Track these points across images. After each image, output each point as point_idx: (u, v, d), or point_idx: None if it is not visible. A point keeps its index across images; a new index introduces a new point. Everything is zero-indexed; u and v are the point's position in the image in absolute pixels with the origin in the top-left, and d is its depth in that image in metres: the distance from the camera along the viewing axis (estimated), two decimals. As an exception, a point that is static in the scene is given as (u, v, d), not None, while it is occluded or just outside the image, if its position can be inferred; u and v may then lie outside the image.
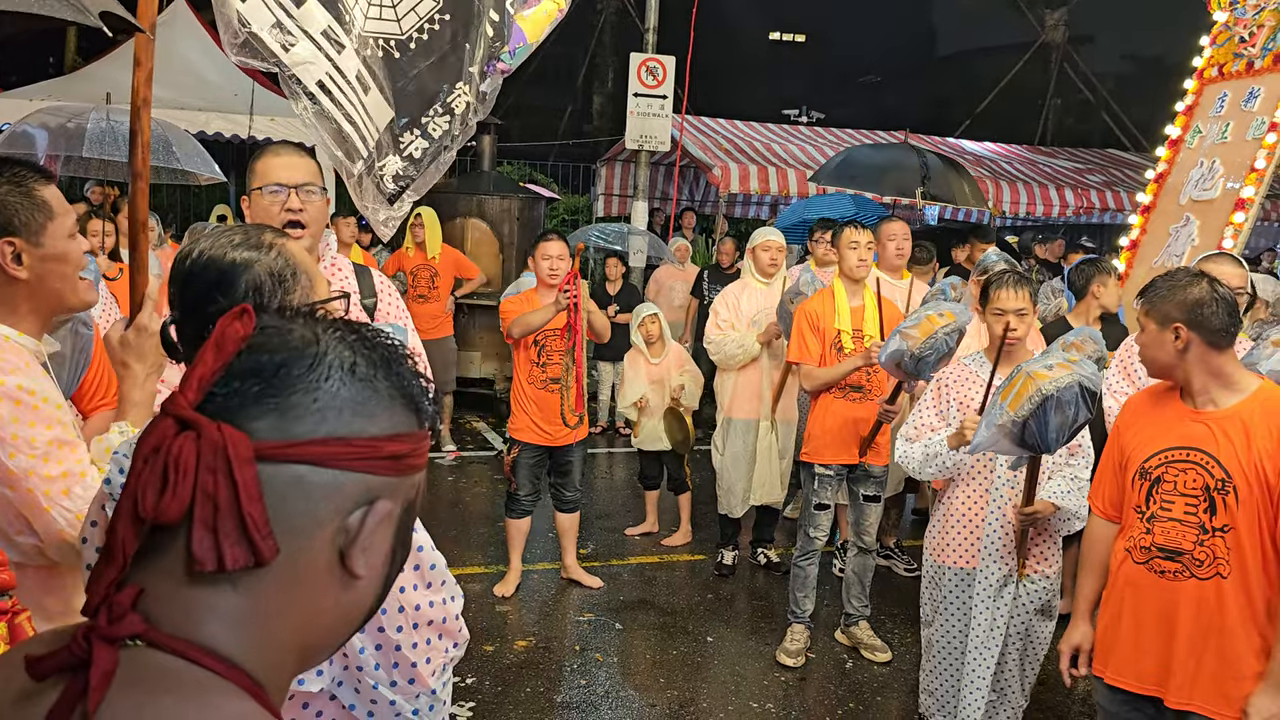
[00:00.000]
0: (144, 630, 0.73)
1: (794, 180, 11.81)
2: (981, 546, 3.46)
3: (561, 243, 5.01)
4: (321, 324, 0.84)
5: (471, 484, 7.20)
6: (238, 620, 0.76)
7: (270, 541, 0.75)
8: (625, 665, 4.54)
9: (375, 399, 0.81)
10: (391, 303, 2.72)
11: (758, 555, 5.80)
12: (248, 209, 2.45)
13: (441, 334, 7.82)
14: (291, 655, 0.81)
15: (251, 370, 0.78)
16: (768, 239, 5.53)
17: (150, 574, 0.76)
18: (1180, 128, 7.27)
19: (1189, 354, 2.50)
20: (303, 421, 0.77)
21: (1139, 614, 2.59)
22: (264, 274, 1.55)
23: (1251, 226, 6.56)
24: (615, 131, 14.11)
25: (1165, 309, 2.53)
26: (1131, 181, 13.39)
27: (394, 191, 1.89)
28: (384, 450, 0.80)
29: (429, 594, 1.60)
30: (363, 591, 0.84)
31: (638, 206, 10.65)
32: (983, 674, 3.47)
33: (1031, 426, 2.94)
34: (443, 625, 1.62)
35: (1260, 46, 6.88)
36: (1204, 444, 2.48)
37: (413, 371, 0.86)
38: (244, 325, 0.80)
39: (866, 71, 35.88)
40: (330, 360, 0.80)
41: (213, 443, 0.74)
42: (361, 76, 1.92)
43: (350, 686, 1.54)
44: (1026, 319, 3.51)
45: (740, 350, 5.35)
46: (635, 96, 10.36)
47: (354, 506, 0.80)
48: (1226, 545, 2.43)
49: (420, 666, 1.55)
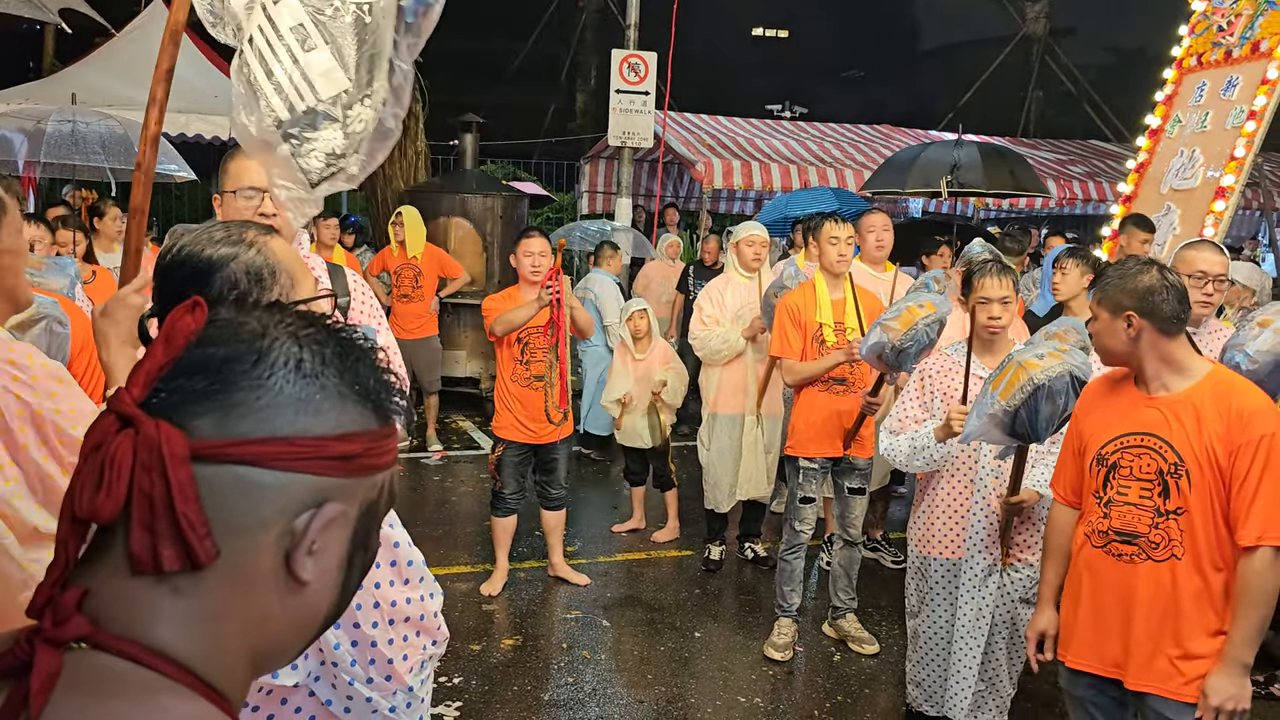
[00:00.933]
0: (90, 632, 0.71)
1: (777, 175, 11.82)
2: (967, 537, 3.47)
3: (543, 239, 4.99)
4: (275, 317, 0.81)
5: (457, 483, 7.17)
6: (184, 622, 0.74)
7: (207, 543, 0.73)
8: (613, 662, 4.53)
9: (323, 396, 0.78)
10: (365, 302, 2.70)
11: (745, 550, 5.80)
12: (219, 208, 2.43)
13: (426, 333, 7.80)
14: (242, 659, 0.79)
15: (198, 366, 0.76)
16: (751, 234, 5.52)
17: (96, 575, 0.74)
18: (1160, 117, 7.30)
19: (1141, 341, 2.54)
20: (245, 420, 0.75)
21: (1098, 597, 2.63)
22: (240, 271, 1.53)
23: (1232, 215, 6.60)
24: (598, 129, 14.09)
25: (1117, 297, 2.56)
26: (1113, 172, 13.45)
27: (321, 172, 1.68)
28: (330, 450, 0.77)
29: (406, 590, 1.58)
30: (314, 596, 0.81)
31: (621, 203, 10.65)
32: (969, 664, 3.47)
33: (1022, 416, 2.95)
34: (420, 622, 1.60)
35: (1238, 35, 6.91)
36: (1157, 429, 2.52)
37: (373, 368, 0.83)
38: (194, 319, 0.78)
39: (849, 66, 35.93)
40: (275, 356, 0.77)
41: (149, 440, 0.72)
42: (303, 30, 1.73)
43: (327, 682, 1.52)
44: (1010, 307, 3.52)
45: (725, 345, 5.35)
46: (618, 93, 10.36)
47: (300, 509, 0.77)
48: (1180, 527, 2.47)
49: (397, 663, 1.54)
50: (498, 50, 25.67)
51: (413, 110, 9.94)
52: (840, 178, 12.03)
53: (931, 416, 3.59)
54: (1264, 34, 6.71)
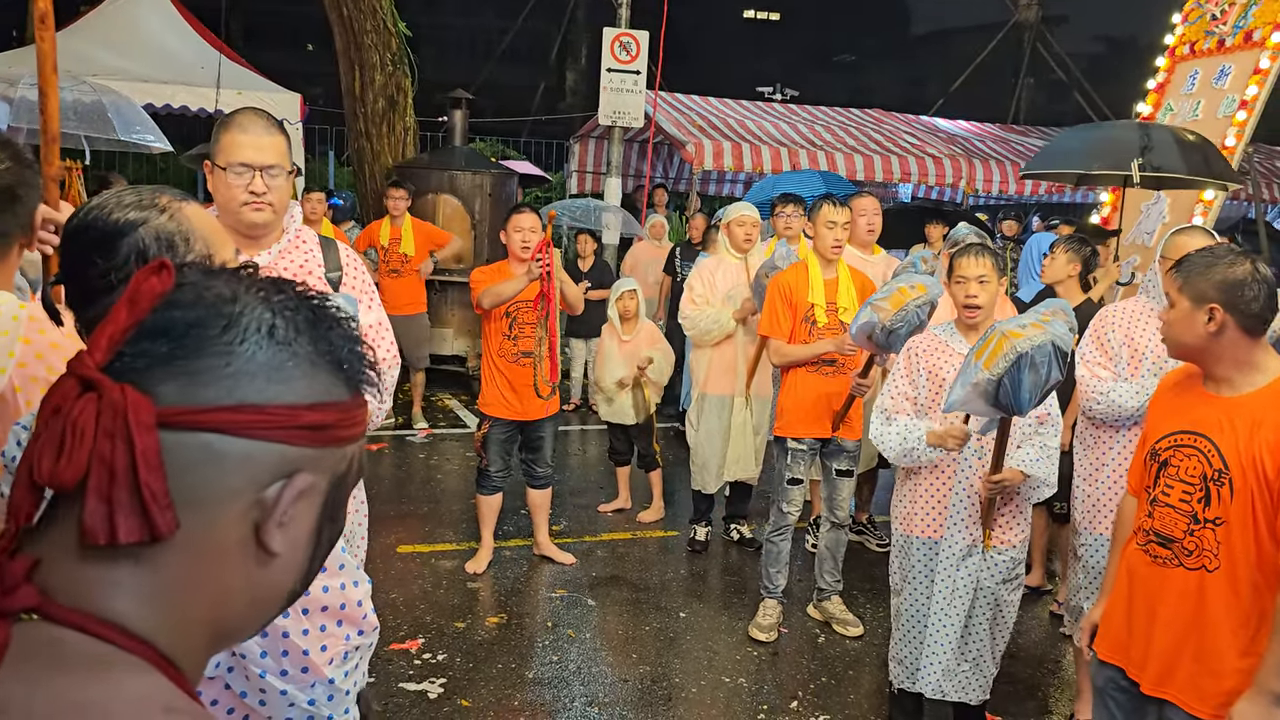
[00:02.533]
0: (39, 603, 0.68)
1: (767, 157, 11.78)
2: (948, 516, 3.47)
3: (534, 215, 4.93)
4: (245, 282, 0.78)
5: (443, 461, 7.15)
6: (142, 594, 0.71)
7: (169, 514, 0.70)
8: (598, 641, 4.53)
9: (295, 364, 0.75)
10: (357, 277, 2.68)
11: (730, 531, 5.81)
12: (210, 175, 2.40)
13: (415, 310, 7.76)
14: (203, 633, 0.76)
15: (162, 329, 0.72)
16: (742, 214, 5.50)
17: (49, 544, 0.71)
18: (1152, 105, 7.30)
19: (1221, 338, 2.33)
20: (213, 387, 0.72)
21: (1132, 596, 2.53)
22: (149, 237, 1.45)
23: (1221, 204, 6.61)
24: (588, 108, 14.01)
25: (1201, 286, 2.34)
26: (1103, 160, 13.44)
27: None
28: (302, 419, 0.75)
29: (323, 579, 1.51)
30: (280, 570, 0.78)
31: (611, 183, 10.60)
32: (944, 641, 3.48)
33: (1005, 385, 2.94)
34: (341, 611, 1.53)
35: (1231, 24, 6.91)
36: (1210, 430, 2.35)
37: (346, 336, 0.80)
38: (161, 281, 0.74)
39: (841, 50, 35.86)
40: (246, 322, 0.74)
41: (113, 405, 0.68)
42: None
43: (240, 674, 1.47)
44: (989, 287, 3.52)
45: (715, 326, 5.33)
46: (609, 72, 10.29)
47: (270, 479, 0.74)
48: (1217, 538, 2.31)
49: (314, 654, 1.47)
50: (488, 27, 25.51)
51: (402, 86, 9.86)
52: (831, 161, 12.01)
53: (919, 393, 3.59)
54: (1257, 23, 6.71)
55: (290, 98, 10.41)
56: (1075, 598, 3.77)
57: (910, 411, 3.57)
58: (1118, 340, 3.59)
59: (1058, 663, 4.58)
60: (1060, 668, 4.52)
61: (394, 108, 9.83)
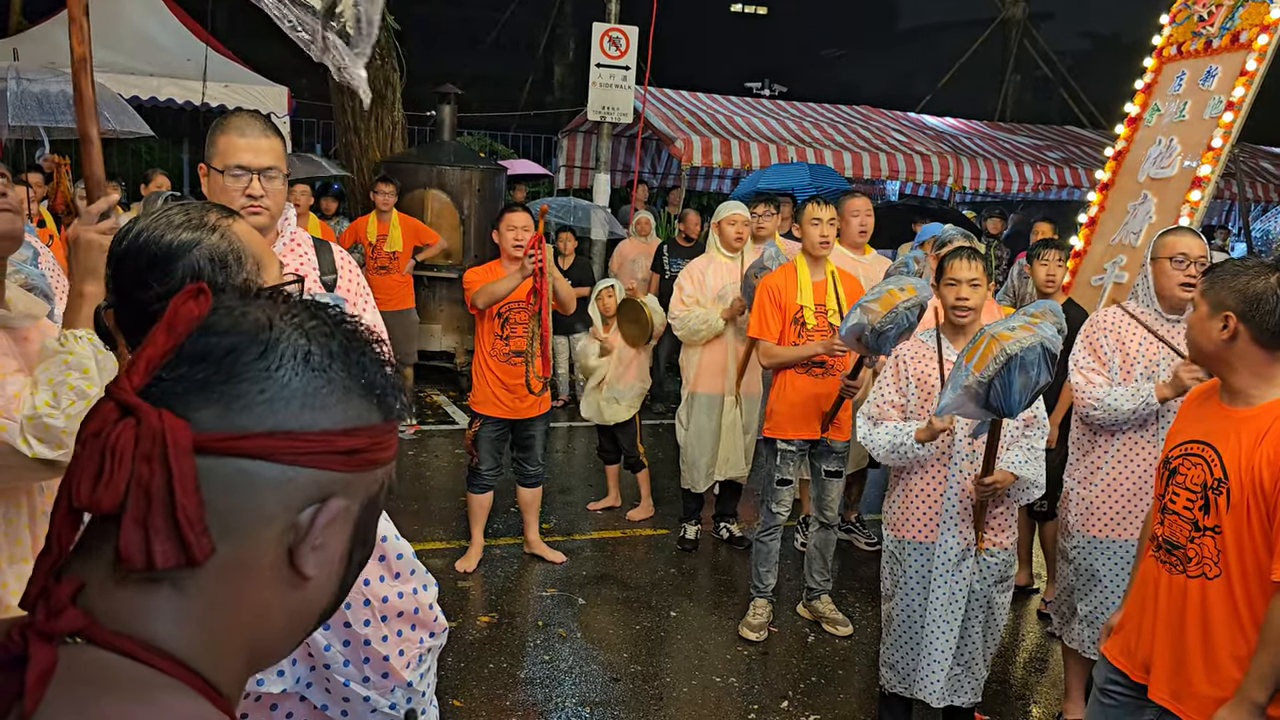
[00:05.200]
0: (84, 626, 0.69)
1: (756, 153, 11.78)
2: (940, 520, 3.49)
3: (526, 214, 4.92)
4: (280, 307, 0.79)
5: (432, 458, 7.14)
6: (181, 617, 0.72)
7: (205, 540, 0.71)
8: (588, 640, 4.53)
9: (329, 390, 0.76)
10: (352, 279, 2.67)
11: (720, 530, 5.82)
12: (205, 178, 2.39)
13: (403, 306, 7.72)
14: (240, 655, 0.77)
15: (201, 355, 0.73)
16: (733, 212, 5.50)
17: (93, 566, 0.72)
18: (1139, 105, 7.32)
19: (1234, 347, 2.35)
20: (249, 412, 0.73)
21: (1141, 600, 2.55)
22: (204, 258, 1.44)
23: (1208, 205, 6.64)
24: (577, 103, 13.97)
25: (1220, 294, 2.36)
26: (1089, 158, 13.51)
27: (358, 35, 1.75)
28: (337, 445, 0.76)
29: (397, 585, 1.55)
30: (314, 592, 0.80)
31: (600, 178, 10.58)
32: (942, 647, 3.50)
33: (996, 387, 2.97)
34: (415, 616, 1.57)
35: (1219, 26, 6.94)
36: (1216, 440, 2.37)
37: (377, 360, 0.81)
38: (199, 305, 0.75)
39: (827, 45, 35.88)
40: (283, 348, 0.75)
41: (151, 430, 0.69)
42: None
43: (320, 687, 1.48)
44: (978, 290, 3.54)
45: (705, 325, 5.34)
46: (598, 67, 10.27)
47: (304, 503, 0.75)
48: (1216, 546, 2.33)
49: (393, 660, 1.50)
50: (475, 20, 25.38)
51: (390, 79, 9.81)
52: (819, 157, 12.01)
53: (907, 401, 3.60)
54: (1244, 25, 6.74)
55: (277, 91, 10.35)
56: (1066, 599, 3.80)
57: (896, 419, 3.59)
58: (1110, 346, 3.62)
59: (1044, 662, 4.61)
60: (1047, 667, 4.55)
61: (382, 101, 9.77)
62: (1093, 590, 3.67)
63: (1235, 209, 15.27)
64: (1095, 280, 6.36)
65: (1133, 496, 3.58)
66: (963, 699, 3.57)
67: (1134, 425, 3.56)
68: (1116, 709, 2.63)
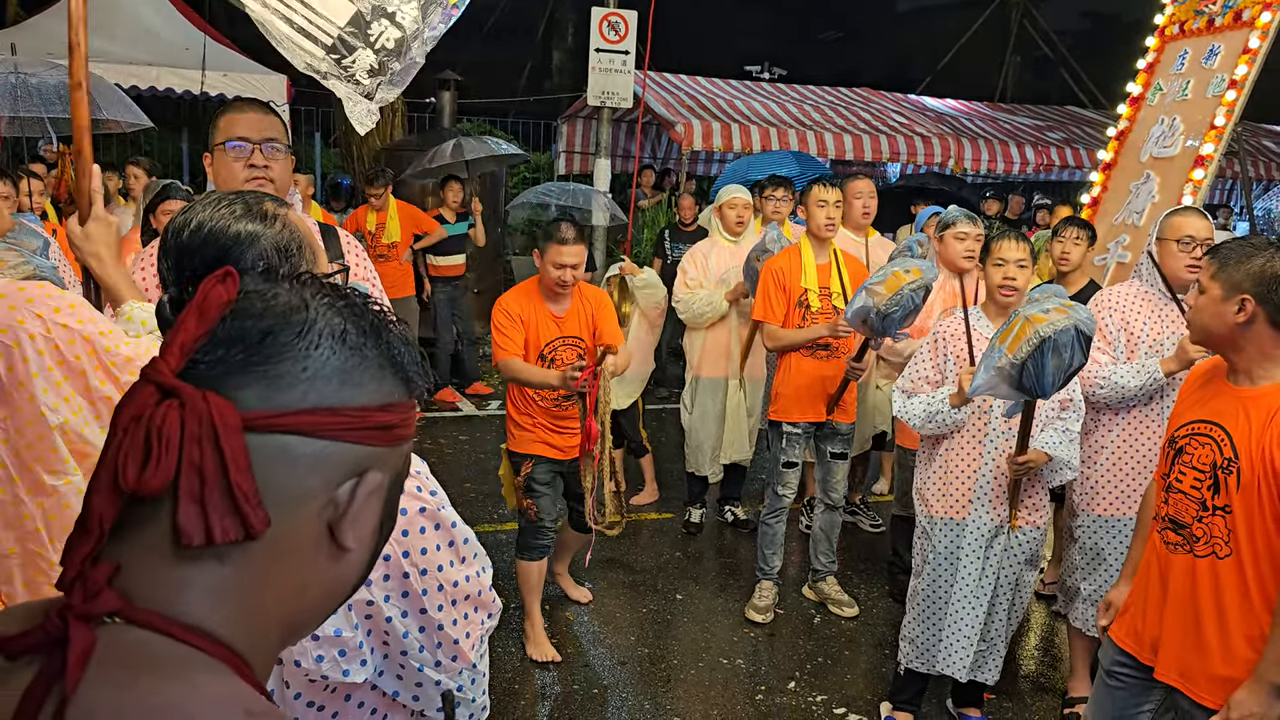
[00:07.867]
0: (121, 606, 0.71)
1: (757, 137, 11.75)
2: (973, 497, 3.50)
3: (582, 245, 3.97)
4: (309, 289, 0.81)
5: (435, 446, 7.15)
6: (221, 595, 0.74)
7: (261, 513, 0.72)
8: (595, 624, 4.55)
9: (365, 367, 0.79)
10: (359, 263, 2.67)
11: (725, 513, 5.83)
12: (209, 165, 2.39)
13: (403, 294, 7.75)
14: (276, 630, 0.79)
15: (237, 337, 0.75)
16: (734, 196, 5.50)
17: (128, 548, 0.73)
18: (1141, 85, 7.30)
19: (1249, 330, 2.31)
20: (290, 390, 0.75)
21: (1148, 581, 2.54)
22: (270, 248, 1.45)
23: (1210, 184, 6.63)
24: (576, 88, 13.92)
25: (1235, 277, 2.31)
26: (1091, 139, 13.47)
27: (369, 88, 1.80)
28: (374, 420, 0.78)
29: (463, 569, 1.58)
30: (350, 564, 0.82)
31: (600, 164, 10.54)
32: (970, 623, 3.49)
33: (1029, 369, 3.00)
34: (478, 598, 1.60)
35: (1221, 4, 6.91)
36: (1224, 420, 2.34)
37: (403, 339, 0.84)
38: (227, 290, 0.77)
39: (826, 27, 35.70)
40: (320, 327, 0.77)
41: (198, 412, 0.71)
42: None
43: (392, 674, 1.52)
44: (1025, 271, 3.56)
45: (709, 309, 5.34)
46: (597, 52, 10.21)
47: (343, 478, 0.78)
48: (1226, 526, 2.31)
49: (462, 643, 1.54)
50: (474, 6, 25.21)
51: (388, 66, 9.78)
52: (820, 140, 11.99)
53: (943, 378, 3.62)
54: (1246, 3, 6.71)
55: (276, 79, 10.31)
56: (1071, 578, 3.81)
57: (928, 394, 3.60)
58: (1115, 325, 3.62)
59: (1050, 640, 4.63)
60: (1053, 645, 4.57)
61: (381, 89, 9.74)
62: (1098, 569, 3.68)
63: (1238, 187, 15.24)
64: (1099, 260, 6.34)
65: (1137, 475, 3.59)
66: (985, 675, 3.58)
67: (1138, 403, 3.56)
68: (1123, 690, 2.63)
